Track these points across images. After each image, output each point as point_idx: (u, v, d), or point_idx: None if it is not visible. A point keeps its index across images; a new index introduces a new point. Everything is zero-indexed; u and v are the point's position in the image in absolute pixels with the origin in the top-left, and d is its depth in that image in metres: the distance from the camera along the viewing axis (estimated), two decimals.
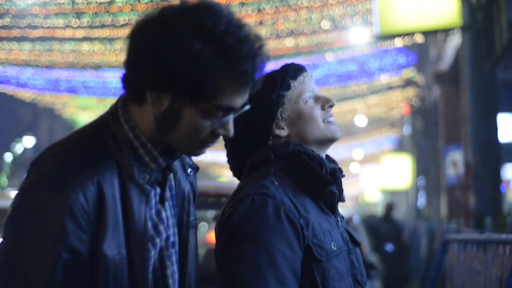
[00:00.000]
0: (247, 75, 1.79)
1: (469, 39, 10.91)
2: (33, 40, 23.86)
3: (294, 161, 2.32)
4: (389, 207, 15.94)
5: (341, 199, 2.39)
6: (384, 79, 25.39)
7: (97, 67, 25.69)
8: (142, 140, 1.87)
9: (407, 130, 31.46)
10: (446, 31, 12.45)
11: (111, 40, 22.70)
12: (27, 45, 24.21)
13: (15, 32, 22.82)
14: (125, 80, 1.86)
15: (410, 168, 29.00)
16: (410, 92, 25.53)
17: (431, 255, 10.41)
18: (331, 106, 2.44)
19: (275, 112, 2.37)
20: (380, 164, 35.02)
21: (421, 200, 26.12)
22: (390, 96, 27.66)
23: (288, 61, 2.48)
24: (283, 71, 2.42)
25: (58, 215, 1.71)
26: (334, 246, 2.28)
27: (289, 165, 2.33)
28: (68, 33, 22.42)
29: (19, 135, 38.29)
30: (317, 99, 2.44)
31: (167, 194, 1.98)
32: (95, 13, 20.76)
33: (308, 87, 2.43)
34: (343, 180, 2.40)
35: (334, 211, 2.39)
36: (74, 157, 1.80)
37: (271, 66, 2.19)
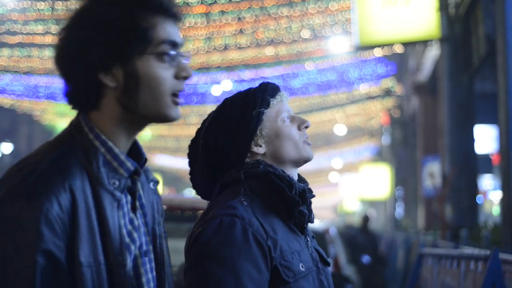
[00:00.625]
0: (166, 4, 1.89)
1: (447, 51, 11.00)
2: (12, 46, 23.78)
3: (264, 182, 2.32)
4: (366, 219, 16.04)
5: (311, 219, 2.39)
6: (363, 88, 25.51)
7: None
8: (108, 146, 1.88)
9: (386, 140, 31.56)
10: (424, 42, 12.53)
11: None
12: (5, 51, 24.13)
13: None
14: (71, 93, 1.89)
15: (389, 178, 29.10)
16: (389, 102, 25.64)
17: (408, 266, 10.43)
18: (306, 127, 2.46)
19: (255, 129, 2.38)
20: (359, 174, 35.12)
21: (399, 211, 26.19)
22: (369, 106, 27.80)
23: (268, 69, 2.49)
24: (262, 89, 2.44)
25: (34, 223, 1.70)
26: (303, 267, 2.27)
27: (259, 185, 2.32)
28: (48, 39, 22.35)
29: None
30: (292, 119, 2.46)
31: (137, 203, 1.97)
32: None
33: (284, 106, 2.46)
34: (322, 189, 2.41)
35: (303, 231, 2.39)
36: (43, 166, 1.78)
37: (250, 75, 2.19)
